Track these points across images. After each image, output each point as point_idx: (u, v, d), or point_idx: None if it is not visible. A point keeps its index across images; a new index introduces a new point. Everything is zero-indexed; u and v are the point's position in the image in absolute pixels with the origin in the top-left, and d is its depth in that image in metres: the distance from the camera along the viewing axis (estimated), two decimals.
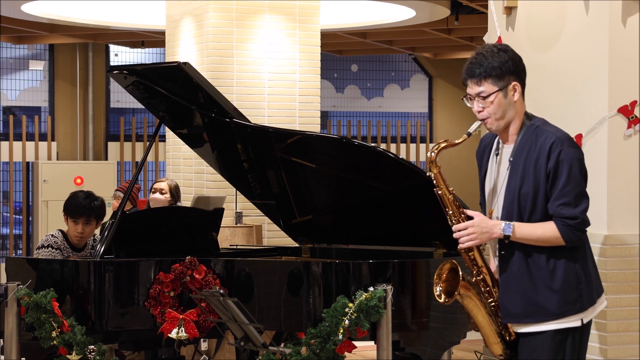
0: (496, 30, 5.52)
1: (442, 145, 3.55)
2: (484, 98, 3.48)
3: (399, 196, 4.73)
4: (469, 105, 3.55)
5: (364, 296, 4.36)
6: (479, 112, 3.51)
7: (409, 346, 4.67)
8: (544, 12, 5.20)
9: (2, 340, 4.78)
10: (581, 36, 4.95)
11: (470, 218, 3.51)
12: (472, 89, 3.50)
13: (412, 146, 15.26)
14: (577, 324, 3.44)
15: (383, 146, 14.76)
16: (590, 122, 4.88)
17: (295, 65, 8.32)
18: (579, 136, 4.92)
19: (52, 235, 5.43)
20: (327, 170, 5.09)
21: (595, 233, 4.81)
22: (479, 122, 3.52)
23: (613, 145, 4.81)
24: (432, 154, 3.55)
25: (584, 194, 3.43)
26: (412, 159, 14.97)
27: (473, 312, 3.58)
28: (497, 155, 3.61)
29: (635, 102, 4.80)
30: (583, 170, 3.43)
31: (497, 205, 3.56)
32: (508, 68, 3.46)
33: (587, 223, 3.44)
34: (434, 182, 3.56)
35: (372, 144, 5.23)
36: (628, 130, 4.81)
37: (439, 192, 3.56)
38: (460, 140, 3.55)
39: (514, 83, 3.48)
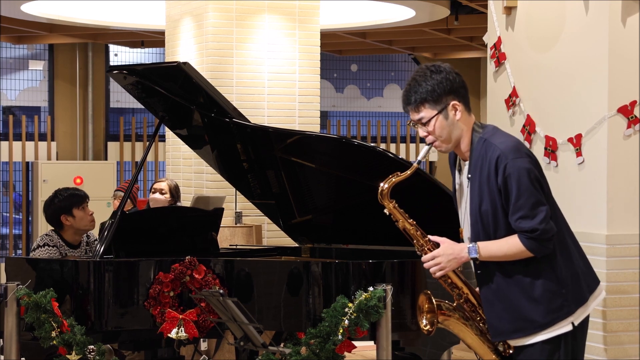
0: (496, 30, 5.52)
1: (393, 180, 3.51)
2: (425, 124, 3.45)
3: (398, 196, 4.72)
4: (414, 130, 3.53)
5: (363, 296, 4.36)
6: (425, 137, 3.48)
7: (408, 346, 4.67)
8: (544, 12, 5.20)
9: (2, 340, 4.78)
10: (581, 36, 4.95)
11: (437, 245, 3.48)
12: (413, 115, 3.48)
13: (412, 146, 15.26)
14: (568, 328, 3.40)
15: (383, 146, 14.76)
16: (590, 122, 4.87)
17: (295, 65, 8.32)
18: (579, 136, 4.92)
19: (46, 234, 5.47)
20: (327, 170, 5.09)
21: (595, 233, 4.81)
22: (427, 147, 3.50)
23: (613, 145, 4.80)
24: (385, 186, 3.50)
25: (539, 203, 3.34)
26: (412, 159, 14.97)
27: (461, 335, 3.56)
28: (459, 172, 3.57)
29: (635, 102, 4.80)
30: (534, 178, 3.35)
31: (466, 223, 3.53)
32: (443, 89, 3.41)
33: (549, 231, 3.35)
34: (391, 217, 3.53)
35: (372, 144, 5.23)
36: (628, 130, 4.80)
37: (400, 225, 3.53)
38: (410, 171, 3.53)
39: (452, 102, 3.42)
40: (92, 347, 4.59)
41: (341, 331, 4.34)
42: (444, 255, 3.44)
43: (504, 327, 3.45)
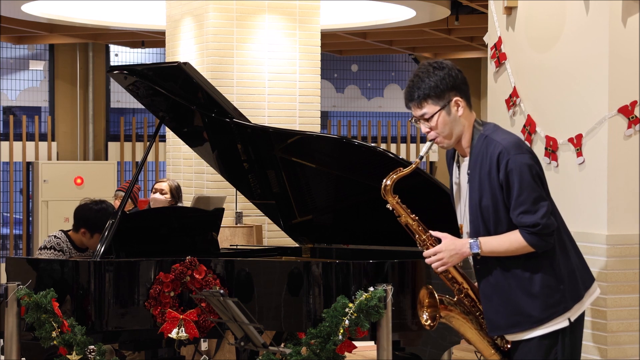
0: (496, 30, 5.52)
1: (394, 177, 3.54)
2: (428, 120, 3.47)
3: (398, 196, 4.72)
4: (417, 126, 3.55)
5: (364, 296, 4.36)
6: (427, 132, 3.51)
7: (409, 346, 4.67)
8: (544, 12, 5.20)
9: (2, 340, 4.78)
10: (581, 36, 4.95)
11: (439, 240, 3.50)
12: (415, 112, 3.50)
13: (412, 146, 15.26)
14: (565, 324, 3.43)
15: (383, 146, 14.75)
16: (590, 122, 4.87)
17: (295, 65, 8.32)
18: (579, 136, 4.92)
19: (54, 236, 5.43)
20: (327, 170, 5.09)
21: (595, 233, 4.81)
22: (429, 143, 3.52)
23: (613, 145, 4.80)
24: (388, 182, 3.53)
25: (541, 198, 3.38)
26: (412, 159, 14.96)
27: (461, 330, 3.58)
28: (458, 168, 3.60)
29: (635, 102, 4.80)
30: (535, 174, 3.39)
31: (465, 219, 3.56)
32: (446, 85, 3.44)
33: (550, 226, 3.39)
34: (394, 212, 3.55)
35: (372, 144, 5.23)
36: (628, 130, 4.80)
37: (402, 221, 3.55)
38: (413, 167, 3.56)
39: (455, 99, 3.46)
40: (92, 347, 4.59)
41: (341, 331, 4.34)
42: (446, 250, 3.47)
43: (501, 322, 3.47)
